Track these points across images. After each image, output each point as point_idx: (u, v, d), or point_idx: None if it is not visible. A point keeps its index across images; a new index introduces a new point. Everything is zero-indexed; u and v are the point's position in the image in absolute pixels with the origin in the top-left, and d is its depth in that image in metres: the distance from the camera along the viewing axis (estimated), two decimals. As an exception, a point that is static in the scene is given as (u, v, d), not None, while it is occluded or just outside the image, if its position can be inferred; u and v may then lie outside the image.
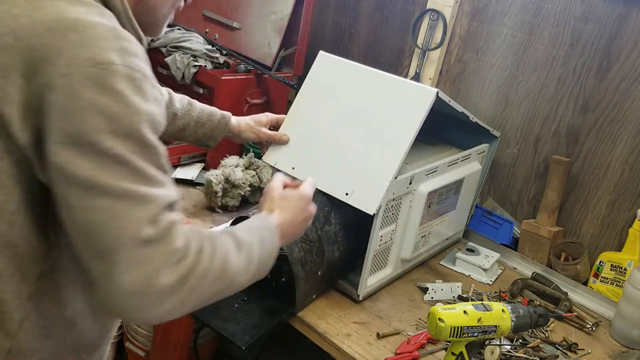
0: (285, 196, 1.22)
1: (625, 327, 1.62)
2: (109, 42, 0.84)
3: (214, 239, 0.95)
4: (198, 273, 0.88)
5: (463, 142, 1.89)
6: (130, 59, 0.86)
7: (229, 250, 0.96)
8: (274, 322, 1.47)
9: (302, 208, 1.22)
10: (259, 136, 1.65)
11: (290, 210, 1.20)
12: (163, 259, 0.84)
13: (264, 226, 1.11)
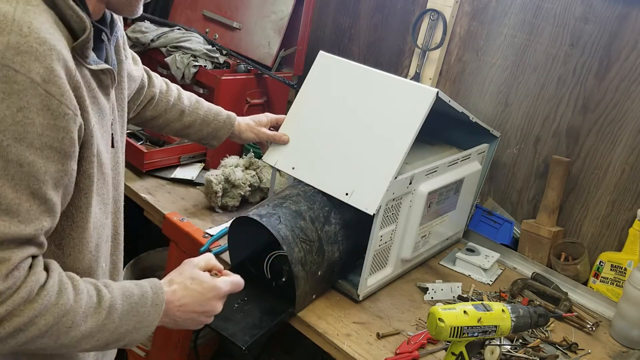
0: (196, 278, 1.09)
1: (625, 327, 1.62)
2: None
3: (63, 293, 0.86)
4: (16, 323, 0.81)
5: (463, 142, 1.89)
6: (15, 57, 0.76)
7: (77, 310, 0.88)
8: (274, 322, 1.47)
9: (206, 300, 1.08)
10: (259, 136, 1.65)
11: (191, 296, 1.06)
12: None
13: (148, 297, 0.99)
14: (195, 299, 1.06)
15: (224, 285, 1.11)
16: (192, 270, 1.10)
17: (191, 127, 1.59)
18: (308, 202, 1.53)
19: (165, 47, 2.20)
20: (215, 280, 1.11)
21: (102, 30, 0.96)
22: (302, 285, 1.46)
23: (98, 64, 0.94)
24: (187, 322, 1.08)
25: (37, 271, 0.84)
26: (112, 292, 0.94)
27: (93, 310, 0.90)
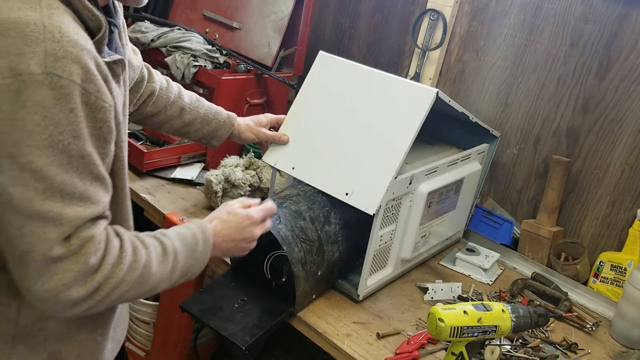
0: (231, 212, 1.23)
1: (625, 327, 1.62)
2: (32, 46, 0.81)
3: (137, 250, 0.99)
4: (112, 284, 0.93)
5: (463, 142, 1.89)
6: (57, 63, 0.82)
7: (151, 261, 1.01)
8: (274, 322, 1.47)
9: (243, 227, 1.22)
10: (259, 137, 1.65)
11: (230, 226, 1.21)
12: (73, 275, 0.87)
13: (198, 236, 1.13)
14: (234, 229, 1.21)
15: (256, 213, 1.25)
16: (227, 207, 1.24)
17: (191, 125, 1.59)
18: (308, 202, 1.53)
19: (165, 47, 2.20)
20: (248, 210, 1.24)
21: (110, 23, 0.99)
22: (302, 285, 1.46)
23: (111, 56, 0.98)
24: (233, 249, 1.23)
25: (112, 239, 0.95)
26: (171, 240, 1.08)
27: (162, 259, 1.04)
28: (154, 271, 1.02)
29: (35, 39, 0.81)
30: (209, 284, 1.61)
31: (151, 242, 1.04)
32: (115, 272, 0.94)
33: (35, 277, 0.86)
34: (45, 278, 0.86)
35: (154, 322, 2.04)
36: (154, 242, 1.05)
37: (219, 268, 1.70)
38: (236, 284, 1.58)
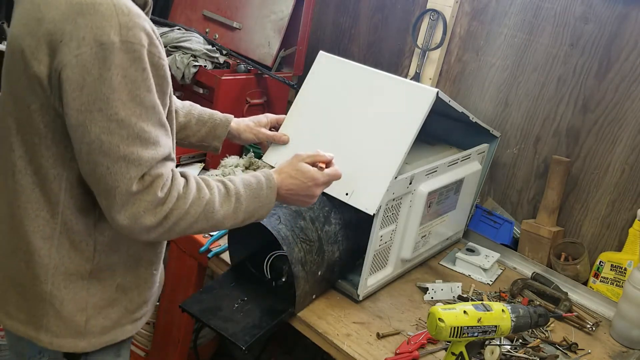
0: (299, 169, 1.32)
1: (625, 327, 1.62)
2: (109, 21, 1.00)
3: (201, 189, 1.14)
4: (177, 214, 1.10)
5: (463, 142, 1.89)
6: (129, 32, 1.01)
7: (214, 199, 1.16)
8: (274, 322, 1.47)
9: (307, 186, 1.32)
10: (258, 137, 1.65)
11: (294, 181, 1.31)
12: (146, 205, 1.06)
13: (263, 182, 1.26)
14: (298, 186, 1.31)
15: (322, 176, 1.34)
16: (297, 163, 1.33)
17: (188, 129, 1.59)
18: (308, 202, 1.53)
19: (165, 47, 2.20)
20: (315, 171, 1.33)
21: None
22: (302, 285, 1.46)
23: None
24: (295, 202, 1.35)
25: (177, 178, 1.11)
26: (234, 184, 1.21)
27: (225, 199, 1.18)
28: (217, 208, 1.16)
29: (110, 16, 1.00)
30: (209, 284, 1.61)
31: (215, 184, 1.19)
32: (179, 205, 1.10)
33: (119, 208, 1.05)
34: (126, 208, 1.05)
35: (154, 322, 2.04)
36: (217, 185, 1.19)
37: (219, 268, 1.70)
38: (236, 284, 1.58)
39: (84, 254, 1.17)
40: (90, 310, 1.20)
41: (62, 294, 1.17)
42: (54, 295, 1.17)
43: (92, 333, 1.21)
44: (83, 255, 1.17)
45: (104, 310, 1.22)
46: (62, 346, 1.19)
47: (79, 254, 1.16)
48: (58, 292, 1.17)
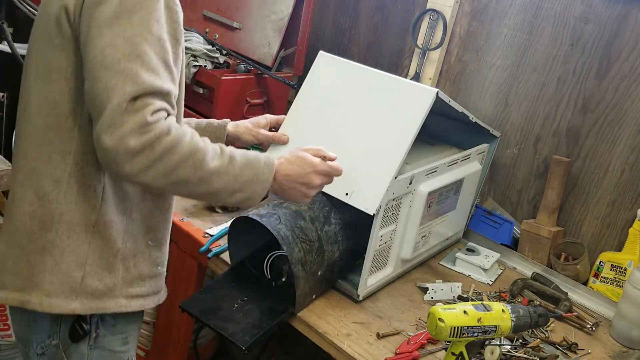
0: (299, 156, 1.31)
1: (625, 327, 1.62)
2: None
3: (194, 135, 1.12)
4: (164, 146, 1.06)
5: (463, 142, 1.89)
6: None
7: (206, 149, 1.13)
8: (274, 322, 1.47)
9: (306, 173, 1.30)
10: (258, 138, 1.65)
11: (293, 167, 1.29)
12: (132, 126, 1.03)
13: (261, 158, 1.23)
14: (296, 171, 1.28)
15: (322, 164, 1.32)
16: (297, 151, 1.32)
17: None
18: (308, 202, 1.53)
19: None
20: (315, 158, 1.31)
21: None
22: (302, 285, 1.46)
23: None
24: (292, 191, 1.30)
25: (172, 119, 1.09)
26: (230, 149, 1.19)
27: (218, 155, 1.15)
28: (208, 160, 1.12)
29: None
30: (209, 284, 1.61)
31: (210, 143, 1.16)
32: (168, 139, 1.06)
33: (106, 126, 1.03)
34: (112, 128, 1.03)
35: (154, 322, 2.04)
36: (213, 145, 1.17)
37: (219, 268, 1.70)
38: (236, 284, 1.58)
39: (90, 202, 1.17)
40: (88, 267, 1.19)
41: (64, 243, 1.17)
42: (55, 245, 1.17)
43: (85, 293, 1.20)
44: (90, 203, 1.17)
45: (101, 272, 1.21)
46: (53, 306, 1.18)
47: (86, 201, 1.17)
48: (60, 241, 1.17)
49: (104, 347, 1.28)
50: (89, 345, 1.26)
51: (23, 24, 2.37)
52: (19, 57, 2.26)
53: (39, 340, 1.25)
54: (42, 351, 1.25)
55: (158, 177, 1.08)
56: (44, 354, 1.26)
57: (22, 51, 2.29)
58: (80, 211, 1.17)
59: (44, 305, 1.18)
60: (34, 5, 2.24)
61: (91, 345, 1.26)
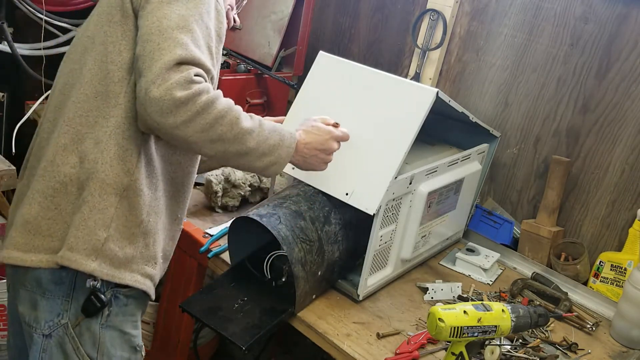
0: (315, 125, 1.41)
1: (625, 327, 1.62)
2: None
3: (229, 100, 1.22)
4: (205, 100, 1.15)
5: (463, 142, 1.89)
6: None
7: (239, 112, 1.22)
8: (274, 322, 1.47)
9: (325, 140, 1.40)
10: None
11: (313, 136, 1.39)
12: (179, 79, 1.13)
13: (285, 128, 1.33)
14: (315, 139, 1.39)
15: (336, 130, 1.43)
16: (311, 121, 1.42)
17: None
18: (308, 202, 1.53)
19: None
20: (328, 127, 1.42)
21: None
22: (302, 285, 1.46)
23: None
24: (313, 159, 1.40)
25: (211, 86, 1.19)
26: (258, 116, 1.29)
27: (249, 118, 1.25)
28: (242, 120, 1.22)
29: None
30: (209, 284, 1.61)
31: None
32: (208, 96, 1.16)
33: (154, 77, 1.13)
34: (160, 80, 1.13)
35: (154, 322, 2.04)
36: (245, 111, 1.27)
37: (219, 268, 1.70)
38: (236, 284, 1.58)
39: (125, 165, 1.23)
40: (112, 231, 1.24)
41: (95, 200, 1.22)
42: (86, 202, 1.21)
43: (105, 257, 1.24)
44: (124, 166, 1.23)
45: (123, 240, 1.26)
46: (73, 261, 1.21)
47: (121, 164, 1.23)
48: (92, 197, 1.21)
49: (115, 327, 1.30)
50: (101, 324, 1.28)
51: (23, 24, 2.38)
52: (19, 57, 2.26)
53: (47, 319, 1.26)
54: (49, 332, 1.26)
55: (198, 132, 1.17)
56: (50, 335, 1.26)
57: (22, 51, 2.29)
58: (114, 172, 1.23)
59: (65, 259, 1.21)
60: (34, 5, 2.24)
61: (103, 324, 1.28)
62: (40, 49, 2.33)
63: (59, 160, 1.24)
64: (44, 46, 2.32)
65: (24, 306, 1.28)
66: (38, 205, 1.24)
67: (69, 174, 1.23)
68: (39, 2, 2.23)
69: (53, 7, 2.29)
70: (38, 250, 1.23)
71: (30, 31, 2.38)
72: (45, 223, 1.24)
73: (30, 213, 1.24)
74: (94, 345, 1.28)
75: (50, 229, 1.23)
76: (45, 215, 1.23)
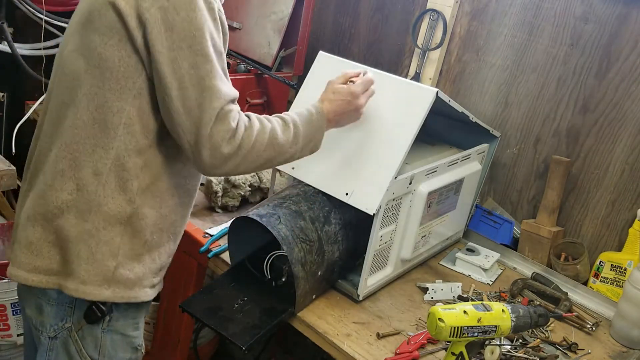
0: (335, 90, 1.45)
1: (625, 327, 1.62)
2: None
3: (262, 121, 1.28)
4: (248, 142, 1.23)
5: (463, 142, 1.89)
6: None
7: (275, 128, 1.30)
8: (273, 322, 1.47)
9: (348, 101, 1.44)
10: None
11: (336, 102, 1.43)
12: (223, 135, 1.19)
13: (312, 111, 1.39)
14: (341, 105, 1.44)
15: (357, 87, 1.46)
16: (332, 86, 1.46)
17: None
18: (308, 202, 1.53)
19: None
20: (349, 86, 1.46)
21: None
22: (302, 286, 1.46)
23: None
24: (347, 119, 1.47)
25: (242, 115, 1.25)
26: (289, 115, 1.36)
27: (285, 127, 1.32)
28: (280, 135, 1.30)
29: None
30: (209, 284, 1.61)
31: (272, 118, 1.34)
32: (248, 134, 1.23)
33: (205, 141, 1.18)
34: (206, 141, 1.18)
35: (154, 322, 2.04)
36: (274, 118, 1.34)
37: (219, 268, 1.70)
38: (236, 284, 1.58)
39: (127, 195, 1.24)
40: (121, 258, 1.26)
41: (99, 234, 1.24)
42: (91, 235, 1.23)
43: (118, 282, 1.27)
44: (126, 196, 1.24)
45: (131, 262, 1.28)
46: (87, 293, 1.25)
47: (122, 194, 1.24)
48: (96, 232, 1.24)
49: (116, 331, 1.33)
50: (102, 329, 1.31)
51: (23, 24, 2.38)
52: (19, 57, 2.26)
53: (52, 323, 1.29)
54: (55, 334, 1.30)
55: (248, 167, 1.27)
56: (55, 337, 1.30)
57: (22, 51, 2.29)
58: (116, 203, 1.24)
59: (80, 292, 1.24)
60: (34, 5, 2.24)
61: (104, 328, 1.31)
62: (40, 49, 2.33)
63: (58, 186, 1.24)
64: (44, 46, 2.32)
65: (30, 310, 1.32)
66: (40, 227, 1.26)
67: (67, 200, 1.23)
68: (39, 2, 2.23)
69: (53, 7, 2.29)
70: (39, 272, 1.26)
71: (30, 31, 2.38)
72: (46, 246, 1.26)
73: (34, 235, 1.26)
74: (96, 347, 1.32)
75: (50, 252, 1.26)
76: (46, 239, 1.25)
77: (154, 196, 1.28)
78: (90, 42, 1.21)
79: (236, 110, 1.23)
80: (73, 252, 1.24)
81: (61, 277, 1.25)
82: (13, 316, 2.09)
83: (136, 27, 1.16)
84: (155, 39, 1.15)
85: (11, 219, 2.36)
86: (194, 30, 1.16)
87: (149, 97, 1.22)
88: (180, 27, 1.15)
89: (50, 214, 1.24)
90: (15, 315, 2.09)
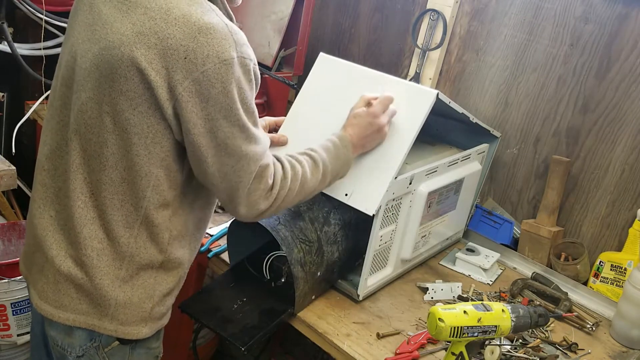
0: (356, 115, 1.47)
1: (625, 327, 1.62)
2: (227, 39, 1.11)
3: (294, 166, 1.32)
4: (282, 194, 1.28)
5: (463, 142, 1.89)
6: (241, 48, 1.14)
7: (306, 172, 1.34)
8: (273, 322, 1.47)
9: (369, 123, 1.46)
10: None
11: (359, 126, 1.46)
12: (260, 193, 1.24)
13: (338, 143, 1.43)
14: (363, 128, 1.46)
15: (376, 107, 1.47)
16: (353, 112, 1.49)
17: None
18: (307, 202, 1.53)
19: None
20: (369, 108, 1.47)
21: None
22: (302, 286, 1.46)
23: None
24: (370, 142, 1.49)
25: (277, 163, 1.29)
26: (318, 152, 1.40)
27: (314, 168, 1.38)
28: (309, 178, 1.35)
29: (226, 34, 1.12)
30: (208, 284, 1.61)
31: (303, 158, 1.37)
32: (283, 186, 1.28)
33: (241, 200, 1.23)
34: (246, 200, 1.24)
35: (154, 322, 2.04)
36: (305, 158, 1.37)
37: (218, 268, 1.70)
38: (236, 284, 1.58)
39: (158, 246, 1.26)
40: (156, 298, 1.29)
41: (133, 280, 1.25)
42: (126, 281, 1.25)
43: (154, 319, 1.31)
44: (158, 247, 1.26)
45: (165, 298, 1.32)
46: (127, 333, 1.28)
47: (154, 245, 1.25)
48: (130, 278, 1.25)
49: (143, 346, 1.34)
50: (131, 347, 1.32)
51: (23, 24, 2.38)
52: (19, 57, 2.26)
53: (82, 344, 1.29)
54: (82, 353, 1.30)
55: (280, 212, 1.38)
56: (83, 356, 1.30)
57: (22, 51, 2.29)
58: (149, 253, 1.25)
59: (119, 332, 1.27)
60: (34, 5, 2.24)
61: (133, 346, 1.32)
62: (40, 49, 2.33)
63: (87, 234, 1.22)
64: (44, 46, 2.32)
65: (57, 332, 1.30)
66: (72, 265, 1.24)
67: (97, 248, 1.23)
68: (39, 2, 2.23)
69: (53, 7, 2.29)
70: (66, 309, 1.26)
71: (30, 31, 2.38)
72: (74, 288, 1.25)
73: (62, 272, 1.24)
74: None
75: (78, 293, 1.25)
76: (75, 278, 1.24)
77: (182, 238, 1.30)
78: (117, 104, 1.14)
79: (271, 163, 1.26)
80: (110, 296, 1.24)
81: (95, 317, 1.25)
82: (13, 316, 2.09)
83: (167, 100, 1.12)
84: (190, 112, 1.12)
85: (11, 219, 2.36)
86: (230, 103, 1.14)
87: (176, 156, 1.20)
88: (215, 100, 1.13)
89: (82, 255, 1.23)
90: (15, 315, 2.09)
